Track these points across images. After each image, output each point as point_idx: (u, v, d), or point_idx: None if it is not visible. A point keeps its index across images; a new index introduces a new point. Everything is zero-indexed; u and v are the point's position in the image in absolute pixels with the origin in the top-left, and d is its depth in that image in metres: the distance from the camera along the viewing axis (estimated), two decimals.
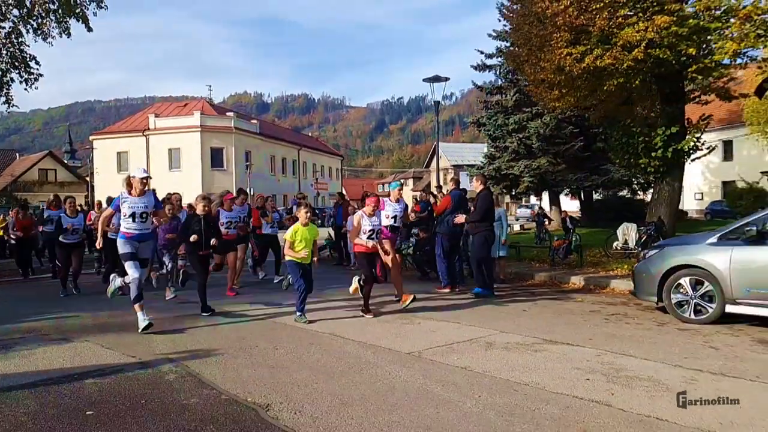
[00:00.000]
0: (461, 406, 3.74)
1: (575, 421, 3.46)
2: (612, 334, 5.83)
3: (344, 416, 3.56)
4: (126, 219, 6.02)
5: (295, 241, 6.37)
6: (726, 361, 4.79)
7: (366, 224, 6.88)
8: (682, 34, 11.10)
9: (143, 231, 6.14)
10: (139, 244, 6.09)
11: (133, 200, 6.05)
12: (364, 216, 6.90)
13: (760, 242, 5.91)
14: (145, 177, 6.15)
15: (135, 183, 6.11)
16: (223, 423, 3.45)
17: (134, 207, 6.04)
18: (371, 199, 7.03)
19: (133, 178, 6.15)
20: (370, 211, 6.92)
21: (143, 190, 6.12)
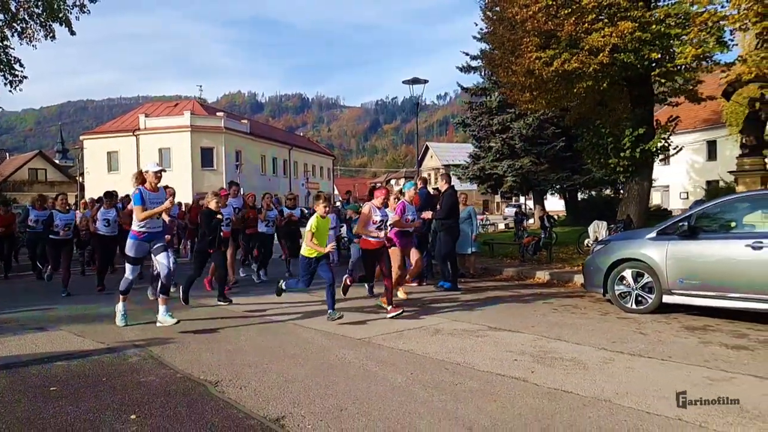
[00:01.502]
0: (392, 381, 4.14)
1: (489, 393, 3.87)
2: (555, 323, 6.25)
3: (284, 390, 3.95)
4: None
5: (315, 233, 6.26)
6: (648, 344, 5.21)
7: (376, 216, 6.74)
8: (645, 39, 11.58)
9: (154, 230, 5.99)
10: (149, 245, 5.96)
11: (152, 195, 5.85)
12: (374, 208, 6.81)
13: (691, 237, 6.34)
14: (159, 171, 5.93)
15: (149, 177, 5.88)
16: (173, 396, 3.83)
17: (154, 203, 5.84)
18: (380, 191, 7.00)
19: (146, 172, 5.91)
20: (379, 203, 6.86)
21: (157, 184, 5.93)
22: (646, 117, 13.78)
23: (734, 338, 5.42)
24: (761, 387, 3.96)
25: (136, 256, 5.97)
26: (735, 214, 6.46)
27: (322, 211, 6.39)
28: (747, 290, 5.87)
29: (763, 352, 4.89)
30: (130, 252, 5.93)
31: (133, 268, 5.99)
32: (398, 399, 3.75)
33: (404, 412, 3.51)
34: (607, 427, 3.26)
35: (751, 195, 7.03)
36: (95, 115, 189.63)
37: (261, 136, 44.04)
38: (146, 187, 5.84)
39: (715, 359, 4.68)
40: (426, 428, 3.25)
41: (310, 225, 6.34)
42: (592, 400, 3.71)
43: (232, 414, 3.50)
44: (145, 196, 5.77)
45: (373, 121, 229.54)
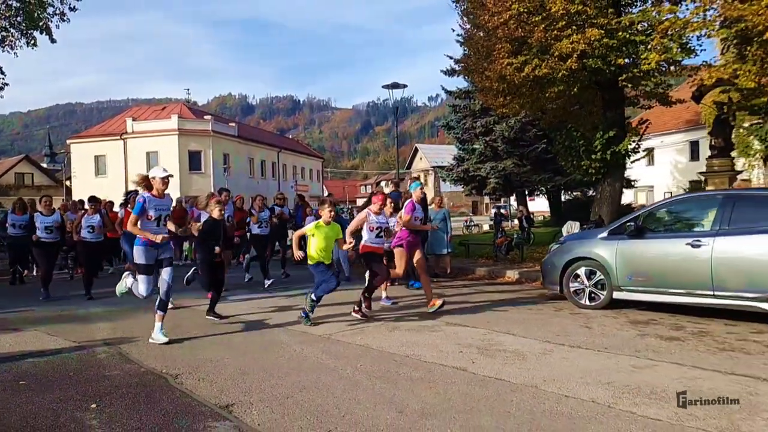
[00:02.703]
0: (341, 372, 4.46)
1: (428, 381, 4.19)
2: (509, 318, 6.58)
3: (238, 381, 4.25)
4: (150, 223, 5.55)
5: (313, 239, 6.13)
6: (590, 337, 5.56)
7: (373, 222, 6.62)
8: (612, 45, 11.98)
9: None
10: (157, 251, 5.66)
11: (158, 202, 5.60)
12: (371, 214, 6.65)
13: (638, 236, 6.71)
14: (167, 176, 5.67)
15: (156, 184, 5.61)
16: (133, 387, 4.12)
17: (160, 210, 5.63)
18: (378, 197, 6.80)
19: (153, 178, 5.64)
20: (377, 209, 6.67)
21: (164, 190, 5.69)
22: (617, 120, 14.18)
23: (671, 330, 5.78)
24: (677, 372, 4.31)
25: (147, 263, 5.58)
26: (678, 215, 6.84)
27: (327, 217, 6.18)
28: (687, 286, 6.24)
29: (693, 343, 5.25)
30: (140, 259, 5.55)
31: (146, 278, 5.59)
32: (342, 387, 4.07)
33: (345, 398, 3.83)
34: (526, 408, 3.59)
35: (692, 196, 7.41)
36: (84, 118, 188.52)
37: (249, 139, 44.23)
38: (152, 194, 5.60)
39: (646, 349, 5.03)
40: (360, 411, 3.57)
41: (309, 227, 6.24)
42: (520, 386, 4.04)
43: (186, 402, 3.80)
44: (149, 204, 5.52)
45: (364, 123, 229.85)
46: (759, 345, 5.13)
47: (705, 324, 6.06)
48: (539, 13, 12.32)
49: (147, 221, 5.54)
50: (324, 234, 6.16)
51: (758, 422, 3.30)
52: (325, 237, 6.17)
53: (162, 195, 5.66)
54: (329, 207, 6.28)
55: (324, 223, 6.18)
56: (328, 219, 6.18)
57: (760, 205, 6.19)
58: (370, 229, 6.64)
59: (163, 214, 5.67)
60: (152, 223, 5.56)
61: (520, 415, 3.47)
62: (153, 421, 3.44)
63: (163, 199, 5.68)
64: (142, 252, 5.52)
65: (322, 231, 6.16)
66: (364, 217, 6.68)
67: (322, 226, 6.17)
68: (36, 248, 9.37)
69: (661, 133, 38.58)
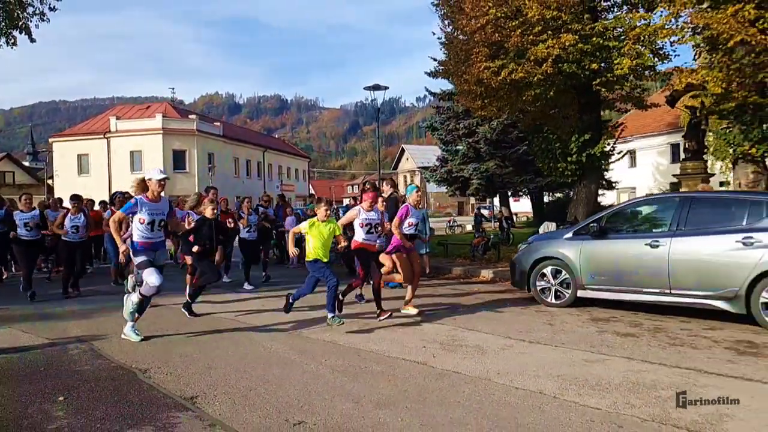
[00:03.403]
0: (305, 366, 4.63)
1: (388, 374, 4.38)
2: (476, 316, 6.79)
3: (204, 375, 4.40)
4: (143, 227, 5.44)
5: (309, 237, 6.11)
6: (550, 334, 5.79)
7: (363, 219, 6.55)
8: (586, 50, 12.28)
9: (158, 239, 5.64)
10: (154, 254, 5.58)
11: (152, 206, 5.48)
12: (362, 211, 6.60)
13: (601, 237, 6.96)
14: (163, 179, 5.55)
15: (152, 186, 5.50)
16: (102, 381, 4.26)
17: (153, 213, 5.48)
18: (368, 195, 6.74)
19: (149, 180, 5.53)
20: (368, 207, 6.63)
21: (161, 193, 5.57)
22: (593, 123, 14.50)
23: (629, 327, 6.03)
24: (626, 365, 4.54)
25: (147, 258, 5.49)
26: (639, 216, 7.11)
27: (323, 215, 6.17)
28: (646, 285, 6.50)
29: (646, 339, 5.49)
30: (139, 258, 5.47)
31: (151, 269, 5.43)
32: (305, 381, 4.24)
33: (305, 391, 4.00)
34: (475, 399, 3.79)
35: (652, 198, 7.70)
36: (68, 116, 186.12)
37: (234, 139, 44.15)
38: (147, 197, 5.48)
39: (601, 345, 5.26)
40: (318, 402, 3.74)
41: (305, 224, 6.22)
42: (474, 378, 4.24)
43: (152, 395, 3.95)
44: (140, 207, 5.41)
45: (352, 123, 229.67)
46: (708, 340, 5.39)
47: (662, 321, 6.32)
48: (516, 18, 12.57)
49: (140, 224, 5.44)
50: (319, 231, 6.16)
51: (689, 410, 3.53)
52: (321, 234, 6.16)
53: (157, 198, 5.54)
54: (325, 205, 6.31)
55: (320, 221, 6.17)
56: (324, 217, 6.18)
57: (713, 207, 6.48)
58: (360, 226, 6.60)
59: (158, 219, 5.51)
60: (146, 227, 5.44)
61: (469, 405, 3.67)
62: (118, 412, 3.58)
63: (158, 203, 5.54)
64: (139, 253, 5.48)
65: (317, 229, 6.16)
66: (355, 214, 6.65)
67: (318, 223, 6.17)
68: (16, 246, 9.31)
69: (643, 136, 39.22)
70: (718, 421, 3.34)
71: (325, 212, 6.21)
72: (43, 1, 11.10)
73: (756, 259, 5.73)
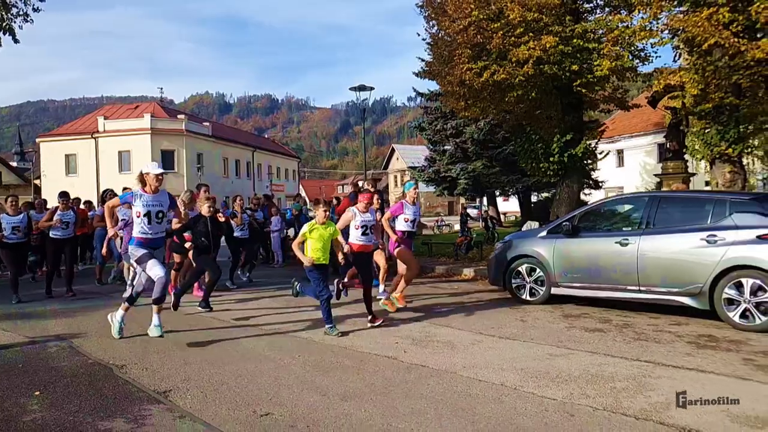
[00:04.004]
0: (278, 362, 4.76)
1: (358, 368, 4.52)
2: (452, 313, 6.94)
3: (180, 371, 4.52)
4: (140, 220, 5.46)
5: (309, 240, 5.98)
6: (520, 330, 5.95)
7: (358, 221, 6.45)
8: (567, 52, 12.47)
9: (158, 235, 5.60)
10: (153, 251, 5.54)
11: (148, 197, 5.49)
12: (357, 213, 6.49)
13: (573, 235, 7.15)
14: (161, 173, 5.59)
15: (149, 179, 5.51)
16: (78, 377, 4.37)
17: (149, 205, 5.47)
18: (364, 196, 6.67)
19: (146, 174, 5.54)
20: (363, 208, 6.53)
21: (158, 187, 5.57)
22: (575, 124, 14.71)
23: (598, 323, 6.21)
24: (588, 359, 4.72)
25: (143, 251, 5.47)
26: (610, 215, 7.31)
27: (321, 218, 6.03)
28: (616, 282, 6.69)
29: (613, 334, 5.67)
30: (138, 252, 5.47)
31: (154, 261, 5.43)
32: (276, 375, 4.37)
33: (276, 384, 4.13)
34: (438, 391, 3.94)
35: (623, 198, 7.90)
36: (56, 115, 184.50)
37: (223, 139, 44.11)
38: (145, 190, 5.51)
39: (568, 340, 5.44)
40: (287, 395, 3.88)
41: (304, 229, 6.07)
42: (441, 372, 4.40)
43: (126, 389, 4.07)
44: (136, 199, 5.46)
45: (343, 123, 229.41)
46: (671, 335, 5.58)
47: (631, 317, 6.50)
48: (498, 20, 12.75)
49: (137, 218, 5.48)
50: (320, 234, 6.04)
51: (639, 399, 3.71)
52: (321, 237, 6.04)
53: (156, 191, 5.55)
54: (324, 207, 6.18)
55: (318, 224, 6.04)
56: (323, 219, 6.06)
57: (680, 206, 6.69)
58: (355, 228, 6.51)
59: (155, 210, 5.50)
60: (142, 220, 5.45)
61: (431, 396, 3.82)
62: (91, 405, 3.70)
63: (155, 195, 5.54)
64: (137, 248, 5.49)
65: (317, 231, 6.03)
66: (350, 217, 6.53)
67: (317, 227, 6.04)
68: (2, 249, 9.02)
69: (631, 136, 39.66)
70: (665, 409, 3.52)
71: (324, 214, 6.09)
72: (27, 2, 11.12)
73: (719, 256, 5.93)
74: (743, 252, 5.82)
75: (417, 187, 7.53)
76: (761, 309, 5.67)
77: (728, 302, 5.89)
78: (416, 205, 7.38)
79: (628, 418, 3.39)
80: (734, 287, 5.84)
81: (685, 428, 3.23)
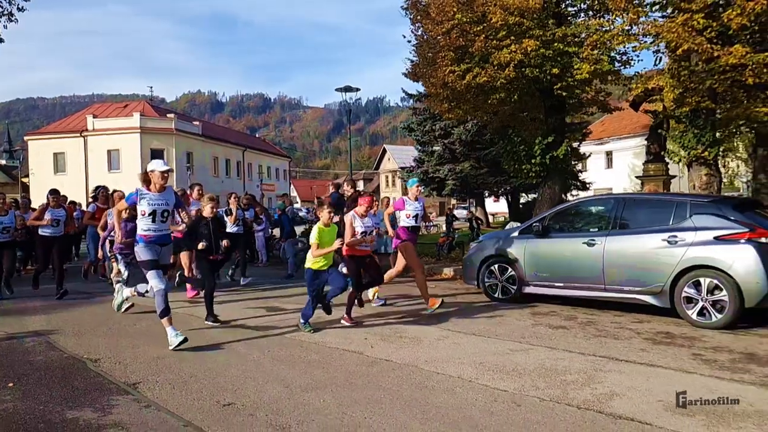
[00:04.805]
0: (248, 357, 4.93)
1: (323, 362, 4.71)
2: (423, 311, 7.12)
3: (151, 365, 4.68)
4: (145, 218, 5.36)
5: (320, 244, 5.86)
6: (487, 326, 6.15)
7: (358, 226, 6.29)
8: (548, 55, 12.71)
9: (163, 233, 5.50)
10: (160, 249, 5.48)
11: (152, 196, 5.38)
12: (356, 217, 6.33)
13: (543, 236, 7.36)
14: (166, 170, 5.46)
15: (154, 177, 5.39)
16: (52, 370, 4.52)
17: (154, 204, 5.36)
18: (364, 199, 6.51)
19: (151, 172, 5.42)
20: (363, 212, 6.39)
21: (164, 185, 5.46)
22: (557, 126, 14.96)
23: (564, 321, 6.42)
24: (546, 354, 4.92)
25: (152, 258, 5.37)
26: (579, 216, 7.53)
27: (326, 219, 5.94)
28: (583, 281, 6.91)
29: (575, 331, 5.89)
30: (144, 256, 5.36)
31: (156, 273, 5.34)
32: (244, 369, 4.54)
33: (242, 377, 4.31)
34: (396, 383, 4.13)
35: (592, 199, 8.12)
36: (46, 113, 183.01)
37: (213, 138, 44.12)
38: (150, 189, 5.40)
39: (531, 336, 5.64)
40: (252, 386, 4.06)
41: (313, 236, 5.92)
42: (402, 365, 4.59)
43: (97, 381, 4.22)
44: (140, 198, 5.35)
45: (336, 122, 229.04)
46: (631, 332, 5.80)
47: (596, 315, 6.72)
48: (480, 23, 12.97)
49: (141, 217, 5.37)
50: (331, 238, 5.95)
51: (585, 391, 3.91)
52: (330, 240, 5.94)
53: (161, 190, 5.43)
54: (328, 208, 6.02)
55: (324, 226, 5.93)
56: (328, 221, 5.94)
57: (644, 207, 6.92)
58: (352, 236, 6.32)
59: (160, 209, 5.38)
60: (147, 219, 5.34)
61: (389, 388, 4.01)
62: (62, 396, 3.86)
63: (161, 194, 5.42)
64: (144, 249, 5.36)
65: (327, 235, 5.93)
66: (351, 221, 6.30)
67: (324, 229, 5.92)
68: None
69: (620, 138, 40.11)
70: (607, 400, 3.72)
71: (329, 216, 5.94)
72: (12, 2, 11.21)
73: (679, 256, 6.16)
74: (701, 252, 6.06)
75: (420, 185, 7.55)
76: (717, 307, 5.91)
77: (687, 300, 6.11)
78: (419, 201, 7.41)
79: (570, 408, 3.59)
80: (693, 286, 6.07)
81: (621, 416, 3.43)
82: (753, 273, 5.75)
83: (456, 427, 3.30)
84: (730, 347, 5.10)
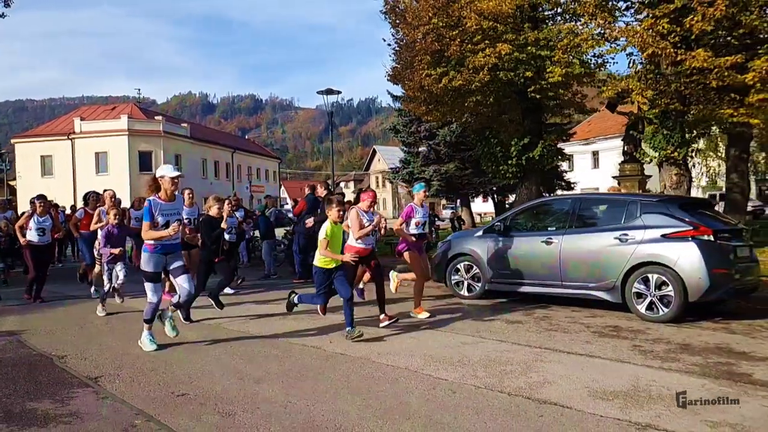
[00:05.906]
0: (209, 352, 5.16)
1: (283, 357, 4.94)
2: (391, 307, 7.33)
3: (115, 361, 4.90)
4: (156, 230, 5.13)
5: (331, 241, 5.71)
6: (447, 322, 6.41)
7: (365, 219, 6.21)
8: (521, 59, 13.01)
9: (172, 241, 5.25)
10: (166, 258, 5.29)
11: (164, 206, 5.13)
12: (361, 212, 6.25)
13: (504, 235, 7.64)
14: (177, 176, 5.21)
15: (165, 184, 5.15)
16: (19, 366, 4.73)
17: (167, 214, 5.15)
18: (368, 194, 6.52)
19: (161, 178, 5.18)
20: (366, 207, 6.33)
21: (174, 191, 5.24)
22: (533, 127, 15.28)
23: (521, 316, 6.69)
24: (495, 347, 5.18)
25: (155, 270, 5.24)
26: (539, 216, 7.82)
27: (335, 216, 5.76)
28: (542, 278, 7.20)
29: (529, 325, 6.15)
30: (147, 267, 5.20)
31: (154, 286, 5.23)
32: (203, 363, 4.77)
33: (200, 371, 4.53)
34: (345, 374, 4.38)
35: (551, 199, 8.43)
36: (35, 115, 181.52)
37: (202, 140, 44.18)
38: (161, 197, 5.17)
39: (485, 331, 5.90)
40: (207, 379, 4.29)
41: (324, 232, 5.73)
42: (356, 359, 4.83)
43: (61, 376, 4.44)
44: (156, 209, 5.09)
45: (328, 123, 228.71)
46: (581, 326, 6.08)
47: (554, 311, 6.99)
48: (456, 28, 13.25)
49: (154, 228, 5.13)
50: (340, 235, 5.91)
51: (520, 379, 4.17)
52: (338, 240, 5.86)
53: (171, 197, 5.22)
54: (337, 206, 5.81)
55: (334, 223, 5.79)
56: (338, 218, 5.78)
57: (599, 207, 7.22)
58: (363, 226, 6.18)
59: (173, 219, 5.17)
60: (160, 230, 5.12)
61: (338, 379, 4.25)
62: (25, 389, 4.07)
63: (172, 203, 5.24)
64: (149, 259, 5.18)
65: (336, 231, 5.83)
66: (357, 217, 6.18)
67: (335, 227, 5.79)
68: None
69: (606, 138, 40.56)
70: (538, 387, 3.99)
71: (338, 213, 5.78)
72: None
73: (629, 253, 6.46)
74: (650, 249, 6.36)
75: (427, 189, 7.36)
76: (664, 302, 6.20)
77: (637, 296, 6.41)
78: (424, 207, 7.24)
79: (501, 394, 3.85)
80: (642, 282, 6.37)
81: (546, 401, 3.69)
82: (696, 269, 6.06)
83: (390, 412, 3.55)
84: (670, 339, 5.39)
